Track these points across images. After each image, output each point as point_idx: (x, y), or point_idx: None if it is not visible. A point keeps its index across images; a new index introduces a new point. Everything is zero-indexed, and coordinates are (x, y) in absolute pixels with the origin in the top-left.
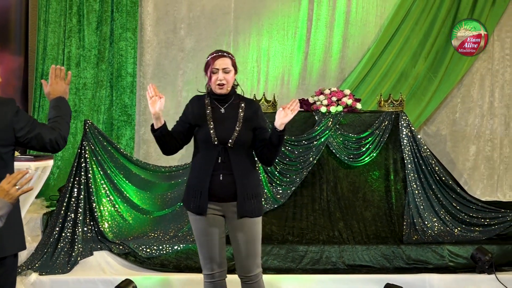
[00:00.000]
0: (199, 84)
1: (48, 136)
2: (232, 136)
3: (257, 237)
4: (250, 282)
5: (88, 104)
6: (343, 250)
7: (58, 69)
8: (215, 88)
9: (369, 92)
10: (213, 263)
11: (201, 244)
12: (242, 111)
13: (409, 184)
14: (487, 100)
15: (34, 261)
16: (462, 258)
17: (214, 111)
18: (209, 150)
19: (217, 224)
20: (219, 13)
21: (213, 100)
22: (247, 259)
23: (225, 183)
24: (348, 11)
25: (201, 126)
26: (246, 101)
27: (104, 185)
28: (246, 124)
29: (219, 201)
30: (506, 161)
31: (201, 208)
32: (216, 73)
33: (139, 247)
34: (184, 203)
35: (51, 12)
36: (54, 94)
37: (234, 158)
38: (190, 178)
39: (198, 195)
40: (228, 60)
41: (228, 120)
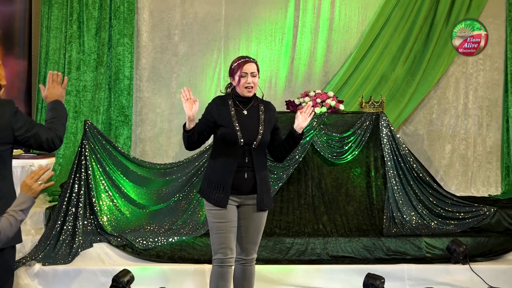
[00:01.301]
0: (192, 86)
1: (45, 135)
2: (257, 138)
3: (263, 227)
4: (247, 265)
5: (88, 105)
6: (327, 242)
7: (55, 75)
8: (243, 90)
9: (351, 94)
10: (227, 249)
11: (218, 230)
12: (263, 113)
13: (388, 180)
14: (461, 101)
15: (38, 252)
16: (438, 250)
17: (238, 113)
18: (233, 149)
19: (233, 213)
20: (211, 20)
21: (236, 102)
22: (251, 244)
23: (247, 179)
24: (332, 18)
25: (226, 126)
26: (264, 103)
27: (103, 181)
28: (267, 126)
29: (238, 194)
30: (479, 159)
31: (223, 202)
32: (245, 77)
33: (136, 239)
34: (204, 195)
35: (53, 19)
36: (51, 98)
37: (256, 157)
38: (211, 172)
39: (221, 189)
40: (254, 65)
41: (251, 122)
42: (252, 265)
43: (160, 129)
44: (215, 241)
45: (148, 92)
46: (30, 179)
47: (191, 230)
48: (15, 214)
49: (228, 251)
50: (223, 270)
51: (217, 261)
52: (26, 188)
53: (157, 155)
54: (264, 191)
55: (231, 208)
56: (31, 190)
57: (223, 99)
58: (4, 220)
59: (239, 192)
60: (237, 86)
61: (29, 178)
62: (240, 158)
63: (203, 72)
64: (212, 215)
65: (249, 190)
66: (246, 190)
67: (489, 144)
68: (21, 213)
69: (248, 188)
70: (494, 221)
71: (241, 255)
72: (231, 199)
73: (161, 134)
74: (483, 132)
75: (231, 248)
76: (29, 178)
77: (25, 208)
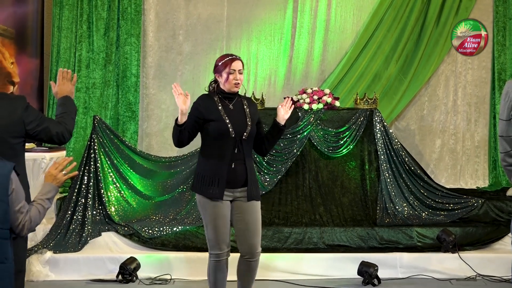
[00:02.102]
0: (195, 84)
1: (55, 129)
2: (247, 130)
3: (260, 218)
4: (253, 260)
5: (96, 101)
6: (323, 231)
7: (65, 72)
8: (231, 86)
9: (347, 92)
10: (223, 244)
11: (215, 226)
12: (247, 107)
13: (382, 173)
14: (451, 98)
15: (49, 241)
16: (429, 239)
17: (225, 108)
18: (225, 142)
19: (227, 208)
20: (213, 21)
21: (222, 98)
22: (254, 238)
23: (238, 171)
24: (328, 19)
25: (216, 120)
26: (246, 99)
27: (111, 174)
28: (253, 119)
29: (230, 187)
30: (468, 153)
31: (219, 195)
32: (233, 73)
33: (142, 229)
34: (197, 191)
35: (64, 20)
36: (61, 94)
37: (246, 149)
38: (204, 168)
39: (216, 182)
40: (241, 63)
41: (238, 115)
42: (257, 260)
43: (165, 124)
44: (211, 237)
45: (154, 89)
46: (54, 170)
47: (194, 220)
48: (42, 203)
49: (224, 246)
50: (220, 263)
51: (214, 256)
52: (51, 178)
53: (162, 148)
54: (253, 182)
55: (225, 203)
56: (56, 180)
57: (208, 96)
58: (34, 209)
59: (233, 186)
60: (225, 83)
61: (54, 169)
62: (232, 150)
63: (206, 70)
64: (207, 212)
65: (242, 183)
66: (239, 184)
67: (477, 139)
68: (47, 202)
69: (241, 181)
70: (482, 212)
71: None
72: (225, 193)
73: (166, 128)
74: (471, 127)
75: (227, 242)
76: (54, 168)
77: (51, 197)
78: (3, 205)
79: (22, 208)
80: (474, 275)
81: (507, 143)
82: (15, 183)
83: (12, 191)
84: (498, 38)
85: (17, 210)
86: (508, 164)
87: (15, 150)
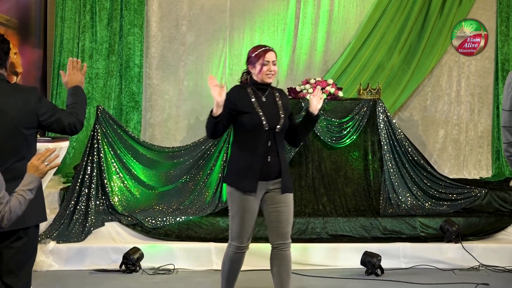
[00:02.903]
0: (198, 74)
1: (67, 120)
2: (280, 122)
3: (292, 209)
4: (286, 249)
5: (100, 92)
6: (326, 221)
7: (75, 61)
8: (265, 78)
9: (350, 82)
10: (245, 237)
11: (241, 219)
12: (279, 99)
13: (385, 163)
14: (454, 89)
15: (52, 231)
16: (432, 229)
17: (258, 100)
18: (258, 135)
19: (257, 202)
20: (217, 11)
21: (255, 90)
22: (287, 228)
23: (271, 163)
24: (331, 10)
25: (249, 113)
26: (278, 90)
27: (114, 164)
28: (285, 111)
29: (264, 180)
30: (471, 144)
31: (252, 187)
32: (267, 64)
33: (145, 219)
34: (229, 183)
35: (67, 10)
36: (71, 83)
37: (279, 141)
38: (237, 160)
39: (250, 175)
40: (274, 54)
41: (271, 108)
42: (289, 249)
43: (168, 114)
44: (235, 229)
45: (157, 79)
46: (37, 161)
47: (197, 210)
48: (23, 194)
49: (245, 240)
50: (238, 255)
51: (233, 247)
52: (33, 169)
53: (165, 139)
54: (286, 174)
55: (255, 197)
56: (38, 171)
57: (241, 88)
58: (14, 199)
59: (267, 178)
60: (258, 74)
61: (36, 160)
62: (265, 143)
63: (209, 61)
64: (237, 204)
65: (275, 175)
66: (273, 175)
67: (480, 129)
68: (29, 192)
69: (275, 173)
70: (485, 202)
71: (279, 240)
72: (258, 186)
73: (169, 119)
74: (474, 118)
75: (249, 237)
76: (36, 159)
77: (33, 188)
78: None
79: (1, 199)
80: (477, 265)
81: (510, 133)
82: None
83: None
84: (501, 29)
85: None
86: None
87: (28, 141)
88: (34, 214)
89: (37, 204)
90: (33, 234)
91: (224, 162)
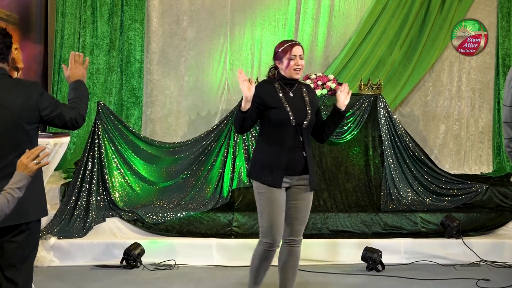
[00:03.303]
0: (199, 69)
1: (69, 115)
2: (307, 118)
3: (310, 207)
4: (296, 246)
5: (101, 87)
6: (327, 217)
7: (77, 55)
8: (292, 73)
9: (351, 77)
10: (276, 233)
11: (270, 214)
12: (306, 95)
13: (386, 159)
14: (455, 84)
15: (53, 227)
16: (433, 225)
17: (285, 95)
18: (285, 130)
19: (283, 196)
20: (217, 7)
21: (282, 85)
22: (301, 225)
23: (298, 159)
24: (332, 5)
25: (277, 108)
26: (305, 86)
27: (115, 159)
28: (312, 106)
29: (290, 175)
30: (472, 139)
31: (277, 182)
32: (294, 59)
33: (146, 214)
34: (254, 177)
35: (68, 5)
36: (73, 78)
37: (305, 137)
38: (263, 155)
39: (275, 170)
40: (301, 48)
41: (298, 103)
42: (300, 246)
43: (169, 110)
44: (265, 225)
45: (158, 74)
46: (26, 159)
47: (198, 205)
48: (12, 192)
49: (277, 236)
50: (269, 253)
51: (264, 244)
52: (22, 167)
53: (166, 134)
54: (313, 171)
55: (281, 191)
56: (27, 169)
57: (269, 82)
58: (2, 197)
59: (292, 173)
60: (286, 69)
61: (25, 158)
62: (292, 138)
63: (210, 56)
64: (263, 199)
65: (301, 170)
66: (298, 171)
67: (481, 124)
68: (17, 191)
69: (300, 168)
70: (486, 198)
71: (291, 236)
72: (283, 180)
73: (170, 114)
74: (475, 113)
75: (280, 232)
76: (25, 157)
77: (22, 186)
78: None
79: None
80: (478, 260)
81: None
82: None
83: None
84: (502, 24)
85: None
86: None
87: (29, 136)
88: (36, 209)
89: (38, 199)
90: (34, 229)
91: (224, 158)
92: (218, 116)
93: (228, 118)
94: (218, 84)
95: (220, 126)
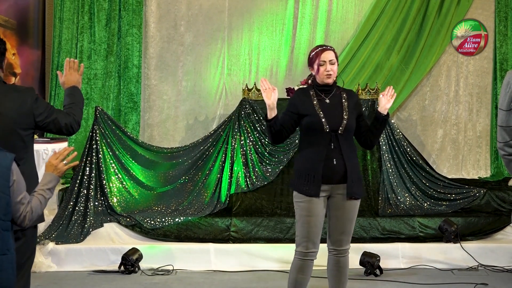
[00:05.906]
0: (197, 74)
1: (64, 120)
2: (342, 124)
3: (355, 216)
4: (340, 256)
5: (98, 92)
6: (325, 222)
7: (72, 62)
8: (323, 78)
9: (348, 82)
10: (310, 242)
11: (305, 223)
12: (346, 101)
13: (384, 163)
14: (453, 89)
15: (51, 232)
16: (431, 229)
17: (320, 102)
18: (320, 137)
19: (322, 206)
20: (215, 12)
21: (317, 91)
22: (344, 235)
23: (336, 166)
24: (330, 10)
25: (310, 115)
26: (346, 91)
27: (113, 164)
28: (351, 112)
29: (328, 183)
30: (470, 143)
31: (315, 191)
32: (324, 65)
33: (144, 220)
34: (294, 187)
35: (65, 11)
36: (68, 84)
37: (343, 144)
38: (301, 163)
39: (312, 178)
40: (332, 53)
41: (335, 109)
42: (346, 256)
43: (167, 115)
44: (300, 233)
45: (155, 80)
46: (55, 160)
47: (196, 210)
48: (43, 193)
49: (310, 245)
50: (303, 263)
51: (298, 254)
52: (51, 168)
53: (164, 139)
54: (354, 179)
55: (320, 201)
56: (57, 170)
57: (305, 90)
58: (35, 199)
59: (330, 181)
60: (317, 75)
61: (54, 159)
62: (328, 145)
63: (208, 61)
64: (300, 208)
65: (339, 178)
66: (336, 179)
67: (479, 129)
68: (48, 192)
69: (339, 176)
70: (484, 202)
71: (334, 245)
72: (322, 189)
73: (168, 119)
74: (473, 117)
75: (314, 242)
76: (54, 158)
77: (52, 187)
78: (4, 197)
79: (23, 199)
80: (476, 265)
81: (506, 133)
82: (16, 174)
83: (13, 183)
84: (500, 28)
85: (18, 201)
86: (508, 154)
87: (24, 142)
88: None
89: None
90: (30, 235)
91: (222, 163)
92: (216, 121)
93: (226, 123)
94: (216, 89)
95: (218, 131)
